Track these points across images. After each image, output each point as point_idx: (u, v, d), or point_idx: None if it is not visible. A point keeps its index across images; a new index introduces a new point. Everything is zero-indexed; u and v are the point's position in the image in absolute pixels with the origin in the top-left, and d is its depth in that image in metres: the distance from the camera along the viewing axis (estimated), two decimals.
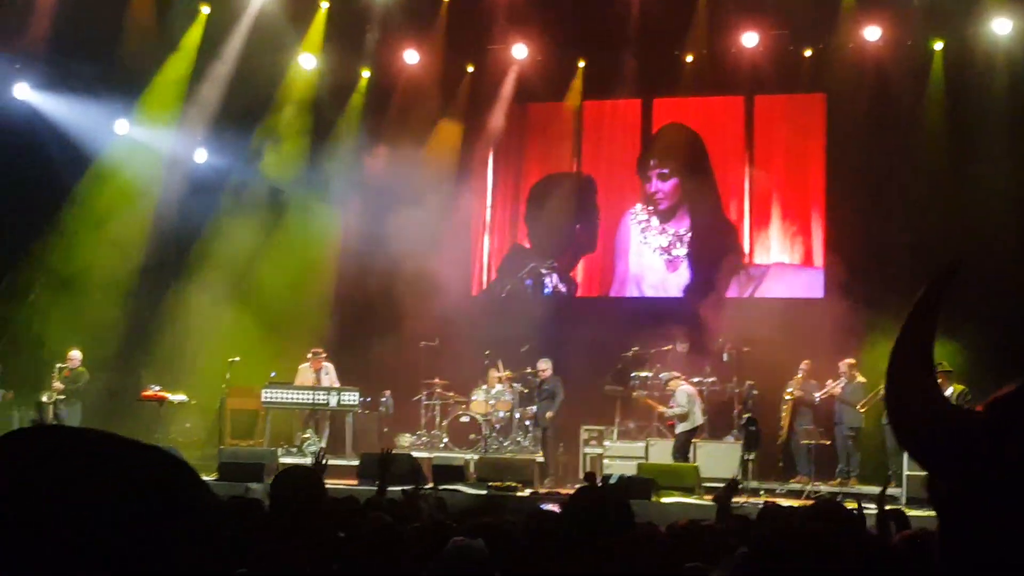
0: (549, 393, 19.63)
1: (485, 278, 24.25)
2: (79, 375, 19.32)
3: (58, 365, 19.25)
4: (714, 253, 22.08)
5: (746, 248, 22.63)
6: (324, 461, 7.89)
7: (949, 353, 18.06)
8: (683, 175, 23.14)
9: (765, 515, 6.63)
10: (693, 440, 18.61)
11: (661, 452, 18.61)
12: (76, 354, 19.37)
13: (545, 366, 19.84)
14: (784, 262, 22.41)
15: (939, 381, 8.19)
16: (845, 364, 18.93)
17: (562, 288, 23.58)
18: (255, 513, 6.56)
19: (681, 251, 22.93)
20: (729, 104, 22.97)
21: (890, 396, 2.40)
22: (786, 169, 22.67)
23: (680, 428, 18.32)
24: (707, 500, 16.08)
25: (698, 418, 18.54)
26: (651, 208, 23.23)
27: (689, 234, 22.93)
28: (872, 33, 20.80)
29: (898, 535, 3.82)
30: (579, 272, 23.71)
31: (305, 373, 20.33)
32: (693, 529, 5.64)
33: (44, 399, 19.24)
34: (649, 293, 23.12)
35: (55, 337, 19.66)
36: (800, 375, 19.41)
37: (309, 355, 20.39)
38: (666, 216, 23.14)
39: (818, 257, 22.19)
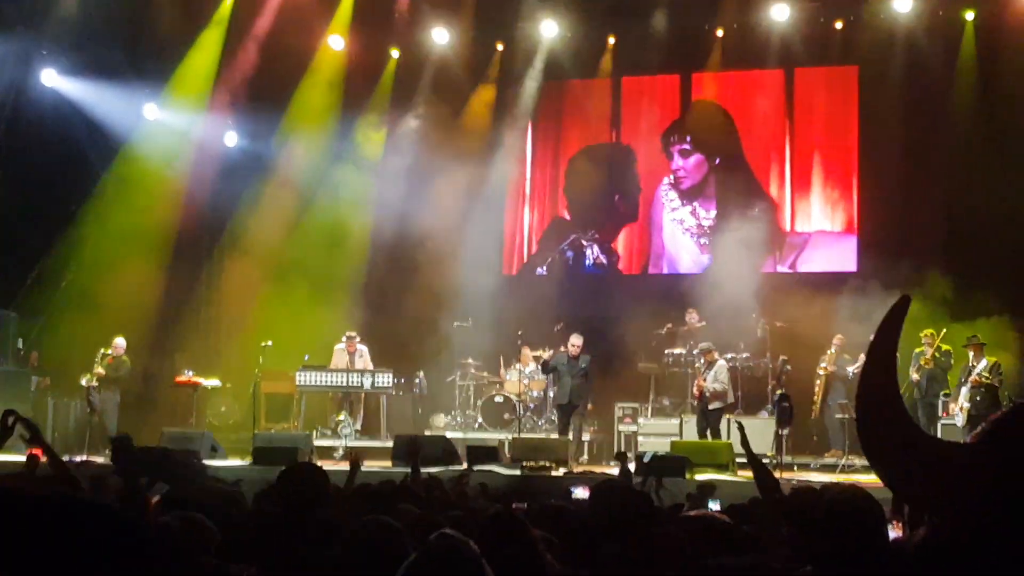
0: (584, 372, 18.71)
1: (526, 252, 24.20)
2: (121, 363, 19.31)
3: (101, 351, 19.26)
4: (747, 229, 21.91)
5: (787, 217, 22.52)
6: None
7: (991, 327, 18.01)
8: (708, 151, 23.04)
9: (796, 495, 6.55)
10: (727, 416, 18.60)
11: (695, 430, 18.55)
12: (121, 342, 19.35)
13: (578, 341, 18.93)
14: (825, 229, 22.29)
15: (972, 353, 8.16)
16: None
17: (603, 259, 23.55)
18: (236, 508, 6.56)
19: (707, 226, 22.84)
20: (766, 77, 22.82)
21: (860, 425, 2.40)
22: (822, 141, 22.54)
23: (716, 405, 18.21)
24: (742, 477, 16.07)
25: (730, 396, 18.51)
26: (674, 185, 23.17)
27: (714, 211, 22.83)
28: (903, 4, 20.58)
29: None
30: (620, 243, 23.65)
31: (339, 356, 20.36)
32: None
33: (83, 382, 19.35)
34: (682, 269, 23.04)
35: (89, 324, 19.69)
36: (833, 350, 19.32)
37: (343, 338, 20.40)
38: (690, 194, 23.07)
39: (852, 227, 22.13)
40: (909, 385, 18.39)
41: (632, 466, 15.83)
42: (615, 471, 16.51)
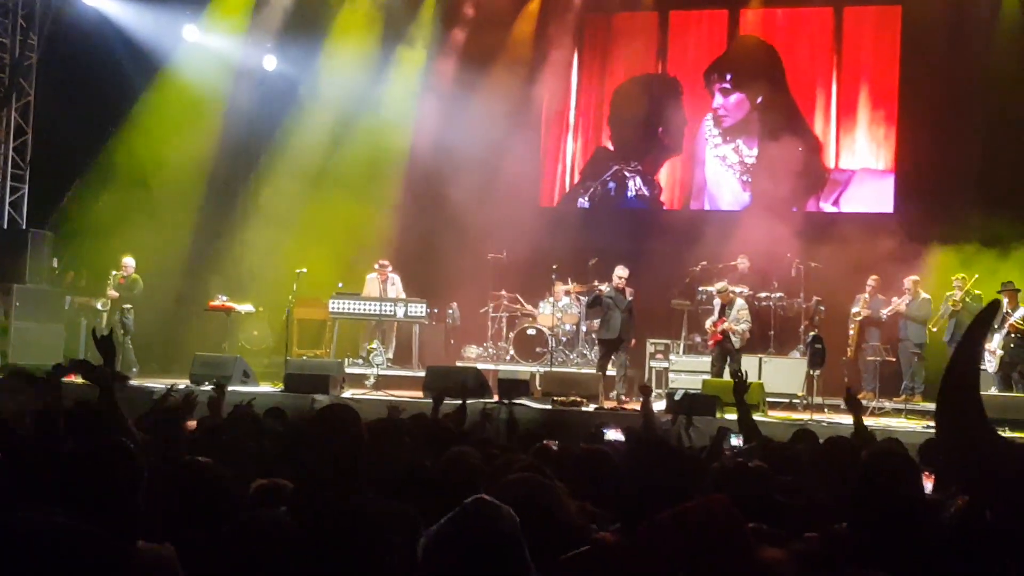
0: (631, 305, 18.19)
1: (568, 182, 24.12)
2: (134, 282, 19.30)
3: (112, 272, 19.33)
4: (789, 166, 21.74)
5: (831, 155, 22.35)
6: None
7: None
8: (751, 89, 22.84)
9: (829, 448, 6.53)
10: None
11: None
12: (130, 261, 19.34)
13: (624, 273, 18.27)
14: (869, 167, 22.13)
15: (1006, 299, 8.14)
16: (910, 281, 18.79)
17: (645, 192, 23.47)
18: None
19: (750, 163, 22.70)
20: (812, 15, 22.60)
21: (939, 414, 2.38)
22: (867, 79, 22.30)
23: (739, 344, 18.12)
24: (772, 417, 16.08)
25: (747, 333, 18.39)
26: (717, 122, 23.02)
27: (756, 150, 22.67)
28: None
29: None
30: (662, 176, 23.54)
31: (372, 284, 20.38)
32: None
33: (99, 307, 19.43)
34: (723, 206, 22.95)
35: (124, 244, 19.71)
36: (868, 291, 19.22)
37: (376, 266, 20.41)
38: (733, 132, 22.90)
39: (891, 167, 22.00)
40: (942, 327, 18.38)
41: (663, 403, 15.94)
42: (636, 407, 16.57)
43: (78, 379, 7.51)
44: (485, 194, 21.80)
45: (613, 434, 9.58)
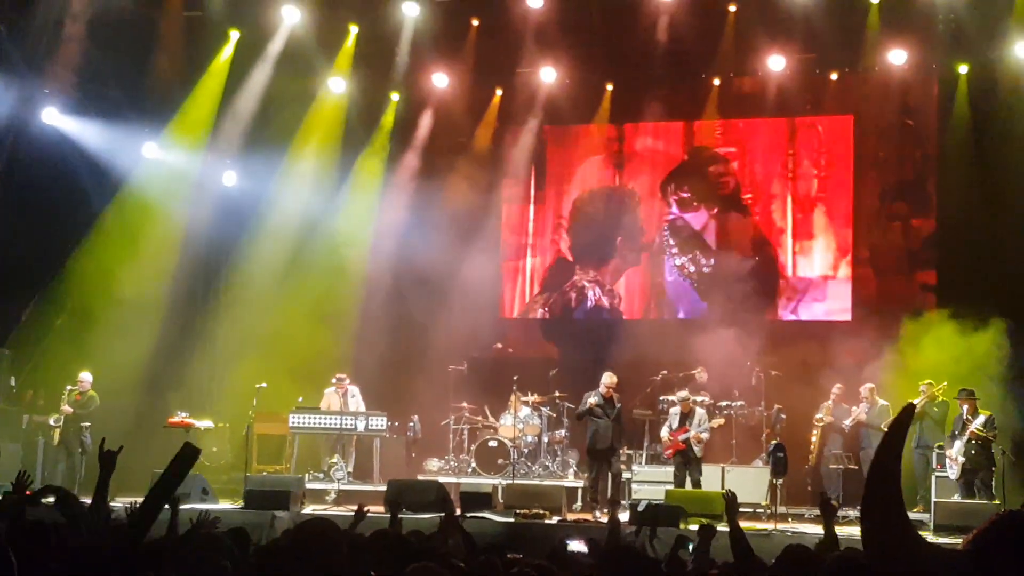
0: (618, 415, 18.17)
1: (527, 294, 24.24)
2: (90, 399, 19.16)
3: (68, 387, 19.19)
4: (746, 276, 21.97)
5: (789, 263, 22.60)
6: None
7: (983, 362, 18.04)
8: (707, 200, 23.17)
9: (785, 559, 6.51)
10: (720, 464, 18.67)
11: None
12: (86, 376, 19.21)
13: (611, 381, 18.19)
14: (826, 275, 22.38)
15: (965, 407, 8.25)
16: (866, 389, 18.95)
17: (604, 301, 23.62)
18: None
19: (707, 272, 22.89)
20: (765, 125, 22.98)
21: (865, 532, 2.43)
22: (820, 188, 22.61)
23: (698, 452, 18.12)
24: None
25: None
26: (673, 232, 23.26)
27: (714, 260, 22.90)
28: (897, 57, 20.67)
29: None
30: (621, 285, 23.71)
31: (331, 398, 20.36)
32: None
33: (51, 422, 19.27)
34: (682, 315, 23.12)
35: (83, 361, 19.61)
36: (832, 399, 19.32)
37: (333, 380, 20.43)
38: (690, 242, 23.17)
39: (848, 275, 22.23)
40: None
41: (627, 515, 15.88)
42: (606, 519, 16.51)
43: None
44: (445, 305, 21.92)
45: (577, 545, 9.53)
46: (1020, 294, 19.41)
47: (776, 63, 21.37)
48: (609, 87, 23.02)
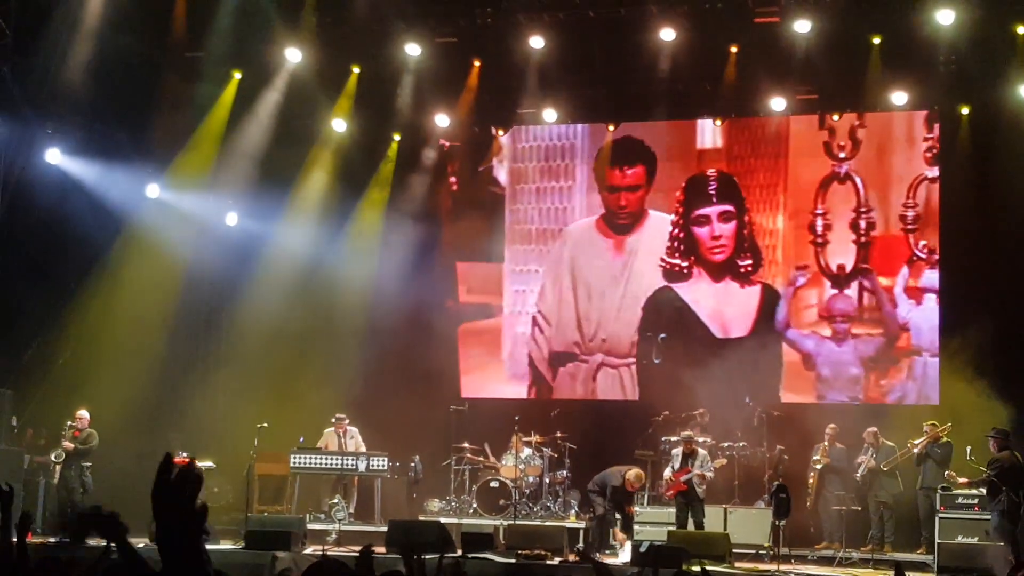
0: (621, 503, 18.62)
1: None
2: (89, 436, 19.17)
3: (67, 423, 19.20)
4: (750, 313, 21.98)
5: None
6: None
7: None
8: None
9: None
10: (722, 506, 18.65)
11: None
12: (84, 413, 19.22)
13: (640, 480, 18.59)
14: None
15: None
16: (869, 434, 18.94)
17: None
18: None
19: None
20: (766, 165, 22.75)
21: None
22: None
23: (702, 493, 18.08)
24: (739, 569, 16.01)
25: None
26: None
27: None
28: (899, 98, 20.69)
29: None
30: None
31: (330, 438, 20.39)
32: None
33: (52, 457, 19.24)
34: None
35: (84, 401, 19.58)
36: (827, 439, 19.31)
37: (333, 420, 20.44)
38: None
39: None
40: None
41: (628, 555, 15.84)
42: (612, 559, 16.49)
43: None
44: (449, 345, 21.91)
45: None
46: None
47: (777, 105, 21.36)
48: (611, 128, 23.02)
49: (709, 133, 22.81)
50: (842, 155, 21.93)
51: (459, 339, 23.40)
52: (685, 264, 22.61)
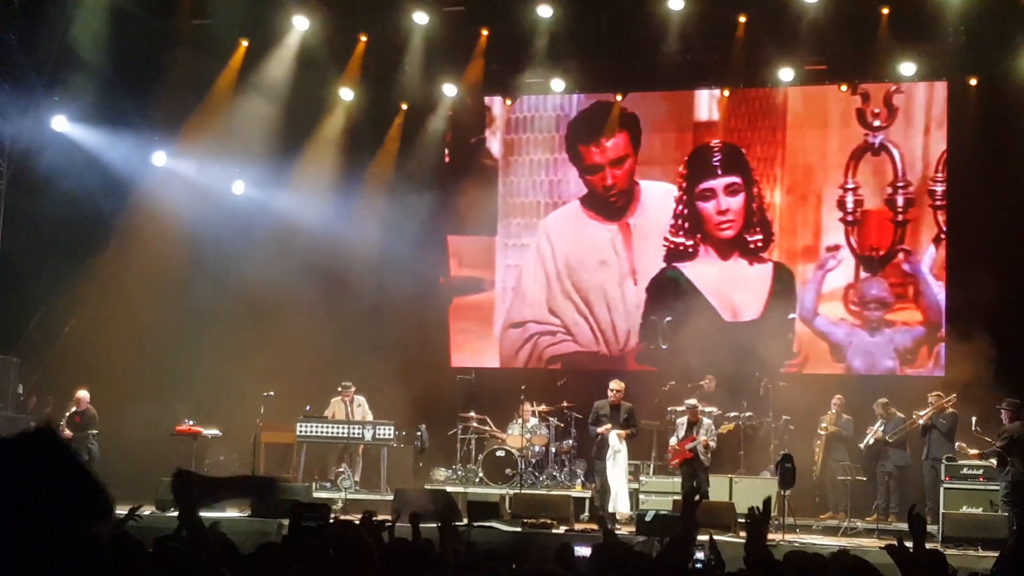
0: (628, 420, 18.54)
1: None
2: (90, 419, 18.99)
3: (72, 409, 19.07)
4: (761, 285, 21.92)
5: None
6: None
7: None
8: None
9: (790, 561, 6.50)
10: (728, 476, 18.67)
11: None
12: (84, 394, 19.05)
13: (619, 387, 18.61)
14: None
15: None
16: (879, 405, 18.92)
17: None
18: None
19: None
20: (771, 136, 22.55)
21: None
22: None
23: (707, 460, 18.09)
24: (743, 538, 15.98)
25: None
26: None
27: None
28: (907, 68, 20.60)
29: None
30: None
31: (336, 406, 20.40)
32: None
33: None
34: None
35: (90, 371, 19.61)
36: (833, 411, 19.32)
37: (339, 388, 20.44)
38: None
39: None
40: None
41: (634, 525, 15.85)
42: (620, 530, 16.49)
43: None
44: (457, 315, 21.88)
45: (582, 551, 9.50)
46: None
47: (786, 75, 21.25)
48: (618, 98, 22.89)
49: (706, 105, 22.61)
50: (876, 123, 21.60)
51: (450, 314, 23.41)
52: (691, 242, 22.42)
